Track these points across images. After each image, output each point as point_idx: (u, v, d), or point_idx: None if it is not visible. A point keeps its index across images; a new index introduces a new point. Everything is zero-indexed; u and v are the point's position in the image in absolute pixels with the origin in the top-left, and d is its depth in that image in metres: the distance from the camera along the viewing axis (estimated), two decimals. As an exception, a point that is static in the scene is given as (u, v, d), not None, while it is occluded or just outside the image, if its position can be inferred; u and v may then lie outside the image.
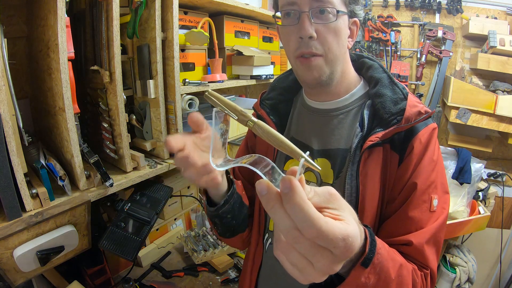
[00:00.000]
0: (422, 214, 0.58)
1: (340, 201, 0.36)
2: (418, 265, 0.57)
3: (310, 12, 0.58)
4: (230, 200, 0.64)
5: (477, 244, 1.98)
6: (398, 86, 0.65)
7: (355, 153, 0.62)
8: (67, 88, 0.77)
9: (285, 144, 0.36)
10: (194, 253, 1.31)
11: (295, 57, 0.63)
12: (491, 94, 1.78)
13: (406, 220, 0.58)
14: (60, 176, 0.81)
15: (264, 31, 1.62)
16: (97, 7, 0.88)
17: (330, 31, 0.60)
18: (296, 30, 0.60)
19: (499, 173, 1.99)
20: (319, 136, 0.70)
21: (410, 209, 0.58)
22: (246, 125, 0.40)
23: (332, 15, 0.59)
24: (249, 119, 0.40)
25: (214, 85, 1.23)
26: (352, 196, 0.61)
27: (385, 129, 0.60)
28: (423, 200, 0.59)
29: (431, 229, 0.58)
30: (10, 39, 0.80)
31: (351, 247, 0.32)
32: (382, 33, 2.13)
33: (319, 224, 0.30)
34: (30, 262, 0.75)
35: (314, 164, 0.33)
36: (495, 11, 2.00)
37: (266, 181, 0.32)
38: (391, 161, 0.61)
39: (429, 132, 0.62)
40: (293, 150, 0.35)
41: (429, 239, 0.57)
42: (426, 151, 0.61)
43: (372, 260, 0.43)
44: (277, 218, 0.32)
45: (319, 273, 0.33)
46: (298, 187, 0.30)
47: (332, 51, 0.61)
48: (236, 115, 0.41)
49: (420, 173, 0.60)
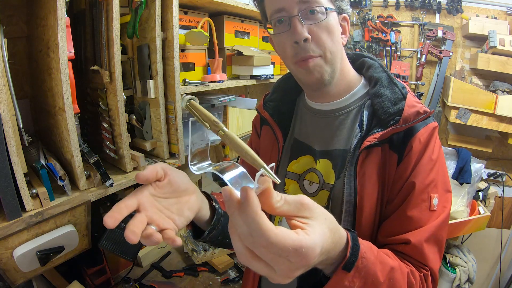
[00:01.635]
0: (422, 213, 0.58)
1: (314, 210, 0.38)
2: (417, 265, 0.56)
3: (300, 15, 0.59)
4: (214, 228, 0.63)
5: (477, 244, 1.98)
6: (397, 86, 0.64)
7: (354, 154, 0.62)
8: (67, 88, 0.77)
9: (248, 155, 0.39)
10: (194, 253, 1.31)
11: (294, 63, 0.63)
12: (491, 94, 1.78)
13: (405, 219, 0.58)
14: (60, 176, 0.81)
15: (264, 31, 1.62)
16: (97, 7, 0.88)
17: (323, 30, 0.60)
18: (290, 35, 0.60)
19: (499, 173, 1.99)
20: (321, 137, 0.70)
21: (409, 209, 0.58)
22: (218, 134, 0.43)
23: (321, 13, 0.59)
24: (220, 128, 0.43)
25: (214, 85, 1.23)
26: (351, 196, 0.61)
27: (383, 130, 0.60)
28: (422, 199, 0.58)
29: (431, 227, 0.57)
30: (10, 39, 0.80)
31: (306, 257, 0.34)
32: (382, 33, 2.13)
33: (267, 235, 0.32)
34: (30, 262, 0.75)
35: (274, 176, 0.36)
36: (495, 11, 2.00)
37: (229, 189, 0.35)
38: (390, 161, 0.61)
39: (429, 132, 0.62)
40: (256, 161, 0.38)
41: (428, 237, 0.57)
42: (425, 150, 0.60)
43: (355, 264, 0.43)
44: (235, 223, 0.35)
45: (281, 277, 0.35)
46: (251, 198, 0.33)
47: (329, 49, 0.61)
48: (209, 125, 0.45)
49: (419, 172, 0.59)
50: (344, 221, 0.62)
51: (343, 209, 0.62)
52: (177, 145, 1.09)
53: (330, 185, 0.66)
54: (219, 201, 0.70)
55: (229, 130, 0.42)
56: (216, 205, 0.66)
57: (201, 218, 0.61)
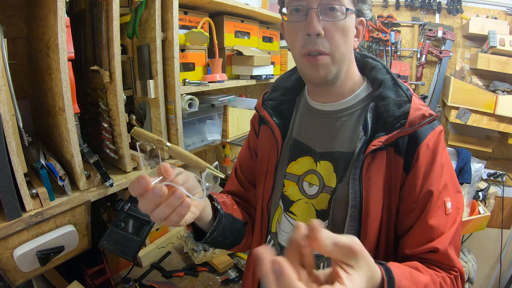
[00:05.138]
0: (440, 220, 0.59)
1: (360, 259, 0.38)
2: (446, 269, 0.58)
3: (319, 9, 0.57)
4: (216, 229, 0.64)
5: (477, 244, 1.97)
6: (402, 88, 0.63)
7: (358, 157, 0.61)
8: (67, 88, 0.77)
9: (193, 160, 0.44)
10: (194, 253, 1.31)
11: (301, 55, 0.61)
12: (491, 94, 1.78)
13: (427, 229, 0.59)
14: (60, 176, 0.81)
15: (264, 31, 1.62)
16: (97, 7, 0.88)
17: (338, 30, 0.59)
18: (303, 26, 0.59)
19: (499, 173, 1.99)
20: (322, 138, 0.69)
21: (429, 218, 0.59)
22: (163, 150, 0.51)
23: (341, 13, 0.58)
24: (164, 144, 0.50)
25: (214, 85, 1.23)
26: (356, 200, 0.61)
27: (388, 133, 0.59)
28: (438, 206, 0.59)
29: (451, 232, 0.59)
30: (10, 39, 0.80)
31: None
32: (382, 33, 2.12)
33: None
34: (30, 262, 0.75)
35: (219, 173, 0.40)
36: (495, 11, 2.00)
37: None
38: (395, 164, 0.60)
39: (436, 136, 0.61)
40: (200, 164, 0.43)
41: (450, 242, 0.58)
42: (435, 157, 0.60)
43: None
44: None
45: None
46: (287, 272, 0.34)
47: (339, 50, 0.60)
48: (154, 144, 0.52)
49: (433, 180, 0.59)
50: (348, 226, 0.61)
51: (348, 214, 0.61)
52: (177, 145, 1.09)
53: (332, 188, 0.65)
54: (220, 201, 0.70)
55: (231, 130, 0.46)
56: (218, 206, 0.66)
57: (204, 217, 0.61)
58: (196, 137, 1.32)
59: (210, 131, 1.38)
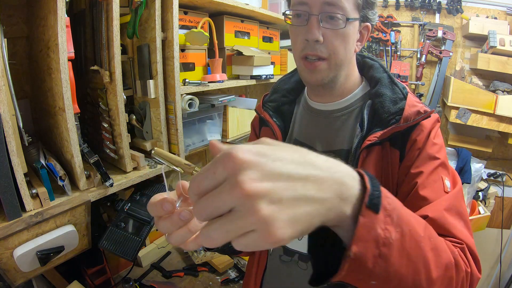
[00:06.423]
0: (436, 193, 0.56)
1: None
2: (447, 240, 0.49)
3: (320, 16, 0.58)
4: None
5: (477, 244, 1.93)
6: (398, 86, 0.65)
7: (355, 153, 0.62)
8: (67, 88, 0.77)
9: None
10: (194, 253, 1.31)
11: (300, 58, 0.64)
12: (491, 94, 1.78)
13: (418, 199, 0.56)
14: (60, 176, 0.81)
15: (264, 31, 1.62)
16: (97, 7, 0.88)
17: (338, 36, 0.60)
18: (304, 31, 0.61)
19: (499, 173, 1.99)
20: (323, 137, 0.70)
21: (421, 189, 0.57)
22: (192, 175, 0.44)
23: (342, 21, 0.59)
24: (194, 169, 0.45)
25: (214, 85, 1.23)
26: None
27: (384, 129, 0.60)
28: (434, 179, 0.57)
29: (447, 198, 0.54)
30: (10, 39, 0.80)
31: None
32: (382, 33, 2.13)
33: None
34: (30, 262, 0.75)
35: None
36: (495, 11, 2.00)
37: None
38: (392, 158, 0.62)
39: (432, 123, 0.62)
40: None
41: (448, 207, 0.53)
42: (428, 136, 0.61)
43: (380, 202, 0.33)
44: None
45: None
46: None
47: (338, 56, 0.61)
48: (182, 168, 0.46)
49: (425, 155, 0.59)
50: None
51: None
52: (177, 145, 1.09)
53: None
54: None
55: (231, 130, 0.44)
56: None
57: None
58: (196, 137, 1.32)
59: (210, 131, 1.38)
